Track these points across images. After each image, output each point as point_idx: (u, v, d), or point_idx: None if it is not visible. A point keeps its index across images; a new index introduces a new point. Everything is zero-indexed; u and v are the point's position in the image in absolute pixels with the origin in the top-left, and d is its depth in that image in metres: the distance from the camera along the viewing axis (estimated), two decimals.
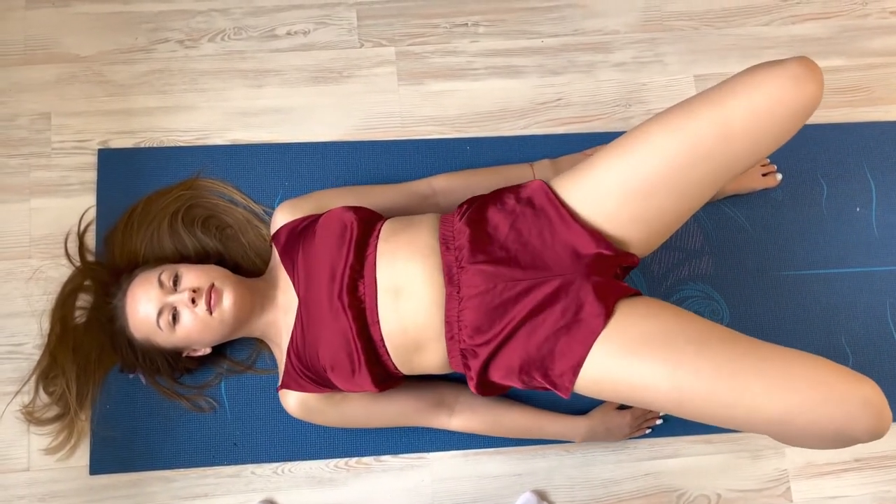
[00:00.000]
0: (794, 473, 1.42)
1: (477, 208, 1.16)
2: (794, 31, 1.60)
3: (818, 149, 1.54)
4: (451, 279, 1.11)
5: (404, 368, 1.18)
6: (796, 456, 1.42)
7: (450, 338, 1.13)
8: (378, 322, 1.13)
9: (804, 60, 1.01)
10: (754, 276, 1.48)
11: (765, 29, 1.61)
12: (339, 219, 1.18)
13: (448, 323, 1.12)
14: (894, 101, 1.57)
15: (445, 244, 1.14)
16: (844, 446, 0.98)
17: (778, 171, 1.51)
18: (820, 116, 1.55)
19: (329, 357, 1.13)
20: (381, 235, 1.17)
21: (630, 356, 1.03)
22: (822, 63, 1.57)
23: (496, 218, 1.14)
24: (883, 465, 1.43)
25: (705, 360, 0.99)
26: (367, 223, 1.19)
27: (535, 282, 1.08)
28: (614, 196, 1.08)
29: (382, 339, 1.13)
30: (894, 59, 1.59)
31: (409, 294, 1.12)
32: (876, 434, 0.93)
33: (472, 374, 1.14)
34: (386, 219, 1.22)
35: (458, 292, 1.11)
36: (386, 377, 1.18)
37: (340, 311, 1.12)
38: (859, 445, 1.40)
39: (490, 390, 1.19)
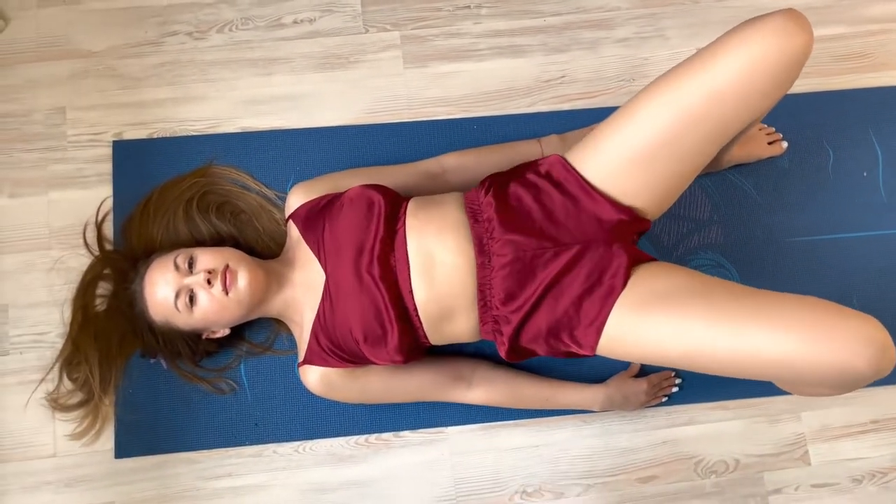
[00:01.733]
0: (811, 437, 1.42)
1: (500, 183, 1.20)
2: (794, 0, 1.61)
3: (823, 116, 1.54)
4: (482, 249, 1.15)
5: (434, 338, 1.22)
6: (813, 420, 1.43)
7: (482, 306, 1.17)
8: (411, 291, 1.16)
9: (788, 12, 1.01)
10: (764, 243, 1.49)
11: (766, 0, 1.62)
12: (366, 196, 1.21)
13: (480, 291, 1.16)
14: None
15: (474, 217, 1.18)
16: (851, 388, 1.00)
17: (783, 139, 1.52)
18: (823, 84, 1.57)
19: (361, 327, 1.16)
20: (408, 212, 1.20)
21: (643, 314, 1.08)
22: (822, 31, 1.60)
23: (519, 192, 1.18)
24: None
25: (708, 310, 1.02)
26: (394, 201, 1.22)
27: (561, 249, 1.13)
28: (619, 166, 1.13)
29: (416, 309, 1.17)
30: (893, 25, 1.60)
31: (442, 265, 1.16)
32: (881, 368, 0.94)
33: (504, 340, 1.18)
34: (410, 198, 1.26)
35: (488, 261, 1.15)
36: (414, 347, 1.21)
37: (371, 282, 1.15)
38: (875, 406, 1.43)
39: (519, 356, 1.22)
